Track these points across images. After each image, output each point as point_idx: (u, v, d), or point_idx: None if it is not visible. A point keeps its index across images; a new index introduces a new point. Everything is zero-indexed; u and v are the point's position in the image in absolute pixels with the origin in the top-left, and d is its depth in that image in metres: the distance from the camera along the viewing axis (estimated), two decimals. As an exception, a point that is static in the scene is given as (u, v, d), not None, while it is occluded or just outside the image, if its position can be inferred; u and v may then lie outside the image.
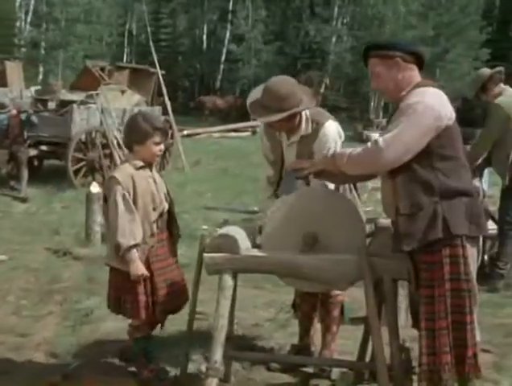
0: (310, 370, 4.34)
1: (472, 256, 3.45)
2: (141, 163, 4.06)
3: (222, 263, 3.66)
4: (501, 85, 6.47)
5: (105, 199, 4.06)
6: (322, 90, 39.75)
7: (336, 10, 39.13)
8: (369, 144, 3.42)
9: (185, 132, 25.22)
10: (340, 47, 38.01)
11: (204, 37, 50.42)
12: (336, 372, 4.23)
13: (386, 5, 29.96)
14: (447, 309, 3.32)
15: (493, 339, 5.06)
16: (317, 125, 4.08)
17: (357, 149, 3.46)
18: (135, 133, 4.05)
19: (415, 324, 3.64)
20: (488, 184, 7.16)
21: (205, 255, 3.69)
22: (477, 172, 6.70)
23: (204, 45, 50.58)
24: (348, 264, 3.58)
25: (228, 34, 46.06)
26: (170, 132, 15.76)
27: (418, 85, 3.49)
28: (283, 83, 3.95)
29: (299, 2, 42.87)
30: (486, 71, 6.62)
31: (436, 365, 3.33)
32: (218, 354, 3.61)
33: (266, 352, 4.71)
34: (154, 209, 4.07)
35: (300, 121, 4.08)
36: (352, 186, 4.32)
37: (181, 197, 11.46)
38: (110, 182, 4.00)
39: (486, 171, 6.88)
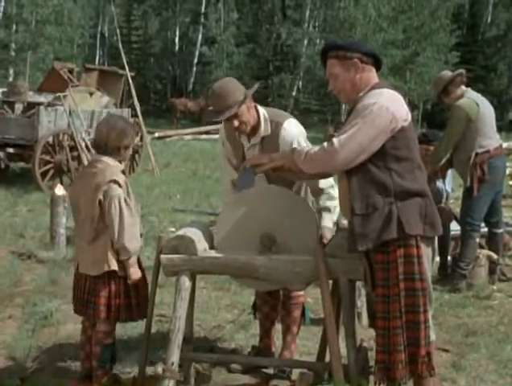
0: (270, 371, 4.35)
1: (427, 256, 3.49)
2: (123, 166, 4.07)
3: (179, 264, 3.66)
4: (463, 87, 6.53)
5: (99, 203, 3.90)
6: (294, 93, 39.96)
7: (307, 12, 39.19)
8: (325, 144, 3.44)
9: (156, 134, 25.14)
10: (311, 49, 38.07)
11: (176, 39, 50.28)
12: (295, 373, 4.23)
13: (357, 8, 30.09)
14: (401, 308, 3.35)
15: (453, 339, 5.14)
16: (276, 125, 4.10)
17: (315, 147, 3.48)
18: (126, 137, 4.02)
19: (372, 323, 3.67)
20: (451, 185, 7.21)
21: (162, 256, 3.68)
22: (440, 174, 6.77)
23: (176, 47, 50.44)
24: (304, 264, 3.60)
25: (200, 37, 45.97)
26: (139, 134, 15.70)
27: (374, 87, 3.52)
28: (225, 83, 4.04)
29: (270, 5, 42.91)
30: (447, 73, 6.68)
31: (391, 363, 3.36)
32: (175, 356, 3.60)
33: (227, 354, 4.71)
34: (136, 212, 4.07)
35: (259, 122, 4.10)
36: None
37: (149, 199, 11.43)
38: (112, 185, 3.89)
39: (450, 172, 6.93)
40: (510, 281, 6.77)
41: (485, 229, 6.86)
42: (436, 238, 6.85)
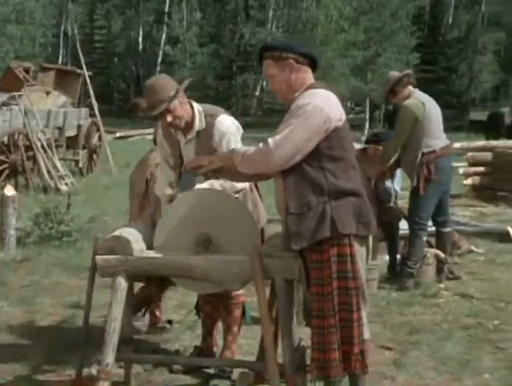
0: (212, 371, 4.35)
1: (361, 255, 3.51)
2: None
3: (115, 265, 3.64)
4: (410, 88, 6.59)
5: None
6: (257, 93, 40.06)
7: (271, 13, 39.38)
8: (260, 144, 3.45)
9: (117, 134, 25.03)
10: (275, 50, 38.14)
11: (140, 39, 50.08)
12: (236, 373, 4.24)
13: (319, 9, 30.27)
14: (334, 306, 3.38)
15: (396, 337, 5.18)
16: (211, 118, 4.14)
17: (251, 148, 3.50)
18: None
19: (308, 322, 3.69)
20: (400, 185, 7.28)
21: (98, 257, 3.66)
22: (389, 173, 6.84)
23: (139, 47, 50.22)
24: (240, 265, 3.60)
25: (164, 36, 45.85)
26: (97, 134, 15.60)
27: (309, 87, 3.55)
28: (157, 79, 4.13)
29: (234, 5, 42.99)
30: (395, 74, 6.73)
31: (325, 362, 3.39)
32: (110, 357, 3.59)
33: (170, 354, 4.70)
34: None
35: (193, 117, 4.13)
36: (253, 186, 4.36)
37: (105, 199, 11.38)
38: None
39: (399, 172, 7.01)
40: (458, 279, 6.84)
41: (434, 228, 6.94)
42: (386, 237, 7.02)
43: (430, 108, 6.52)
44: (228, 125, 4.14)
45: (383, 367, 4.55)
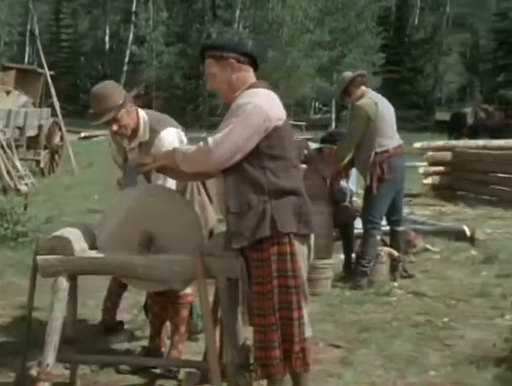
0: (158, 371, 4.34)
1: (302, 254, 3.53)
2: None
3: (56, 265, 3.62)
4: (363, 88, 6.64)
5: None
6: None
7: (237, 13, 39.35)
8: (201, 143, 3.46)
9: (82, 134, 24.84)
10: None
11: (107, 38, 49.76)
12: (183, 372, 4.24)
13: (284, 9, 30.34)
14: (275, 305, 3.39)
15: (346, 335, 5.21)
16: (154, 133, 4.12)
17: (193, 147, 3.51)
18: None
19: (250, 321, 3.69)
20: (355, 184, 7.33)
21: (39, 257, 3.63)
22: (344, 173, 6.89)
23: (106, 46, 49.91)
24: (182, 264, 3.60)
25: (131, 36, 45.60)
26: (59, 134, 15.47)
27: (250, 86, 3.56)
28: (104, 86, 4.06)
29: (201, 5, 42.89)
30: (349, 74, 6.78)
31: (267, 360, 3.40)
32: (50, 357, 3.56)
33: (118, 355, 4.68)
34: None
35: (138, 127, 4.11)
36: (201, 186, 4.36)
37: (65, 200, 11.29)
38: None
39: (354, 171, 7.05)
40: (412, 277, 6.90)
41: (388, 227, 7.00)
42: (341, 236, 7.05)
43: (383, 108, 6.57)
44: (169, 142, 4.11)
45: (330, 365, 4.58)
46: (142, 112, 4.15)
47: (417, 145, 12.61)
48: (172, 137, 4.15)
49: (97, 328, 5.14)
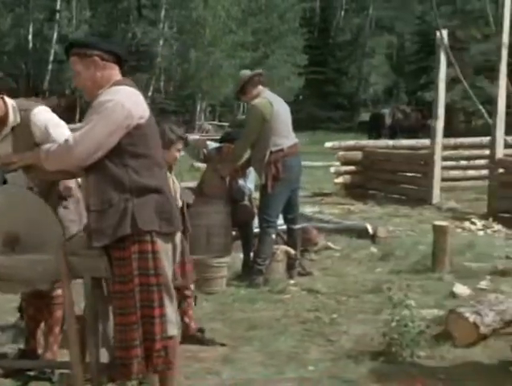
0: (32, 373, 4.27)
1: (165, 252, 3.51)
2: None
3: None
4: (260, 87, 6.68)
5: None
6: (150, 93, 39.67)
7: (163, 12, 39.01)
8: (63, 141, 3.43)
9: (0, 134, 24.25)
10: (167, 50, 37.97)
11: (30, 37, 48.67)
12: (57, 374, 4.18)
13: (207, 9, 30.29)
14: (136, 303, 3.38)
15: (233, 333, 5.24)
16: (26, 112, 4.06)
17: (55, 145, 3.47)
18: (163, 140, 4.30)
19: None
20: (254, 183, 7.36)
21: None
22: (241, 172, 6.92)
23: (29, 45, 48.83)
24: (46, 264, 3.55)
25: (55, 35, 44.78)
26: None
27: (114, 84, 3.54)
28: None
29: (126, 4, 42.38)
30: (246, 73, 6.82)
31: (128, 359, 3.38)
32: None
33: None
34: None
35: (7, 113, 4.05)
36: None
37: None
38: None
39: (252, 170, 7.08)
40: (310, 275, 6.98)
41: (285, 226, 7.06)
42: (240, 235, 7.07)
43: (278, 108, 6.63)
44: (44, 117, 4.08)
45: (211, 363, 4.60)
46: (8, 99, 4.08)
47: (328, 144, 12.77)
48: (49, 114, 4.11)
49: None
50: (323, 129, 35.97)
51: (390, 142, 14.35)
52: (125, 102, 3.43)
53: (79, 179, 4.02)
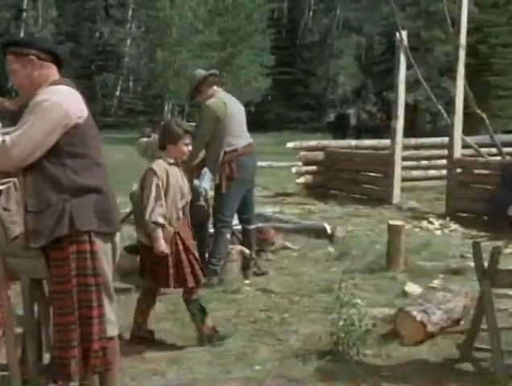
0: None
1: (104, 252, 3.50)
2: (172, 160, 4.87)
3: None
4: (214, 87, 6.68)
5: (142, 188, 4.79)
6: (118, 93, 39.51)
7: (130, 12, 38.89)
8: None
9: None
10: (135, 49, 37.83)
11: (-4, 36, 48.10)
12: None
13: (173, 9, 30.20)
14: (74, 304, 3.37)
15: (183, 333, 5.24)
16: None
17: None
18: (169, 135, 4.87)
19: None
20: (210, 183, 7.35)
21: None
22: (196, 172, 6.90)
23: (-5, 44, 48.19)
24: (-16, 265, 3.51)
25: (22, 34, 44.31)
26: None
27: (51, 83, 3.52)
28: None
29: (93, 3, 42.12)
30: (201, 73, 6.81)
31: (65, 359, 3.37)
32: None
33: None
34: (181, 198, 4.86)
35: None
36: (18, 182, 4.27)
37: None
38: (149, 172, 4.77)
39: (207, 171, 7.07)
40: (265, 275, 6.99)
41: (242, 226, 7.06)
42: (196, 236, 7.05)
43: (232, 108, 6.63)
44: None
45: (158, 363, 4.59)
46: None
47: (290, 145, 12.80)
48: None
49: None
50: (290, 130, 36.09)
51: (353, 142, 14.41)
52: (63, 102, 3.41)
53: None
